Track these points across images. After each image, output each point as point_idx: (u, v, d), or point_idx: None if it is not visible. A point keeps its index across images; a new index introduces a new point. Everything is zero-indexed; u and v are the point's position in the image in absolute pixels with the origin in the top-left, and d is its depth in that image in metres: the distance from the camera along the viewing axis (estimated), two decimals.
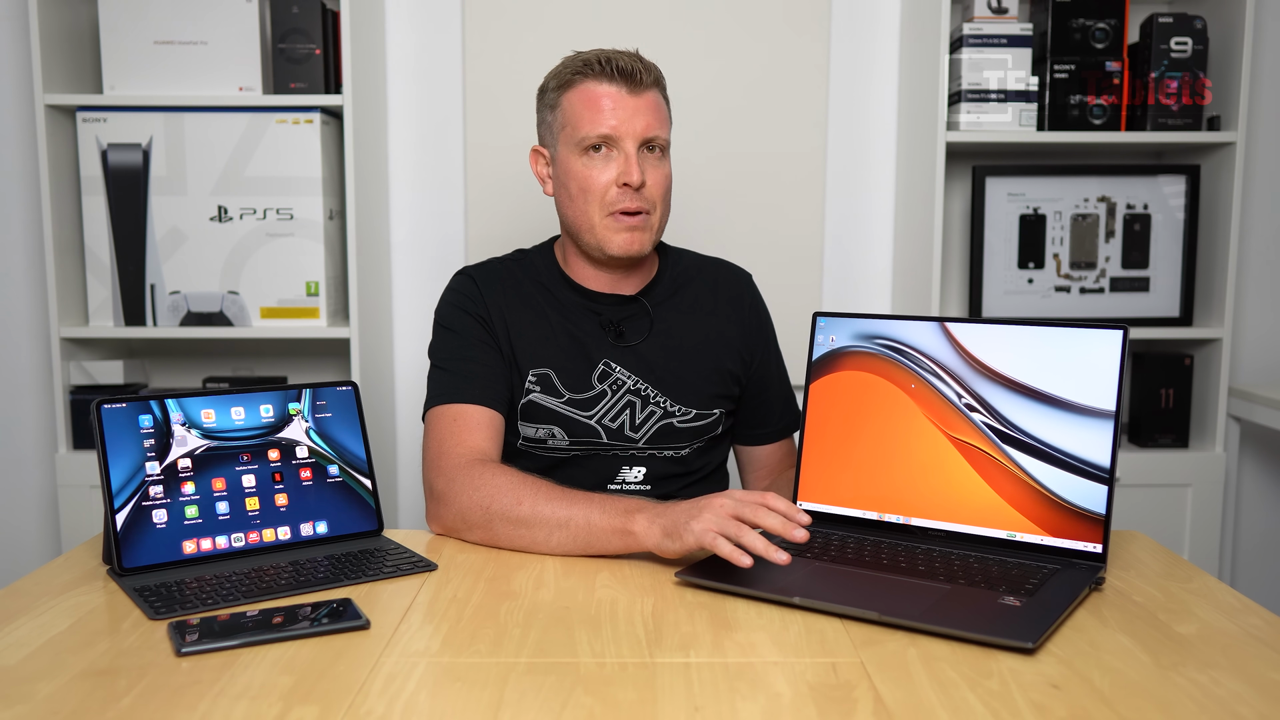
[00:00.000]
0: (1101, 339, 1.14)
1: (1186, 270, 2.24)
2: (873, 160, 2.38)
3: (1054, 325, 1.17)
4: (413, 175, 2.36)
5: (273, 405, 1.23)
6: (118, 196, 2.09)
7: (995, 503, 1.18)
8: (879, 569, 1.12)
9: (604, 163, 1.38)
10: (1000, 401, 1.19)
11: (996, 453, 1.18)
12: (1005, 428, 1.18)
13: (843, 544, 1.20)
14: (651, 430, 1.45)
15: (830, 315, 1.32)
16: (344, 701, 0.85)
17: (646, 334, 1.46)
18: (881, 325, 1.28)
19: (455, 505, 1.27)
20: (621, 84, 1.37)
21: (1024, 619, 0.98)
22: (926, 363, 1.23)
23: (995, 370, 1.19)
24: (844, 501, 1.28)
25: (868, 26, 2.34)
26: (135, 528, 1.13)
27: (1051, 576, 1.09)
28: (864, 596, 1.05)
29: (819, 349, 1.31)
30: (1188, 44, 2.13)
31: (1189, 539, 2.21)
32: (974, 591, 1.05)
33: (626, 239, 1.39)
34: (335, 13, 2.13)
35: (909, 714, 0.82)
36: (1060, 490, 1.15)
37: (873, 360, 1.27)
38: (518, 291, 1.47)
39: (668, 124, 1.43)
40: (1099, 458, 1.13)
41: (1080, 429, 1.14)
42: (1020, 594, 1.04)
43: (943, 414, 1.22)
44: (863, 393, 1.27)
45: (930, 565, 1.13)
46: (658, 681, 0.88)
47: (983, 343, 1.21)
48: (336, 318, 2.20)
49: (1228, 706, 0.84)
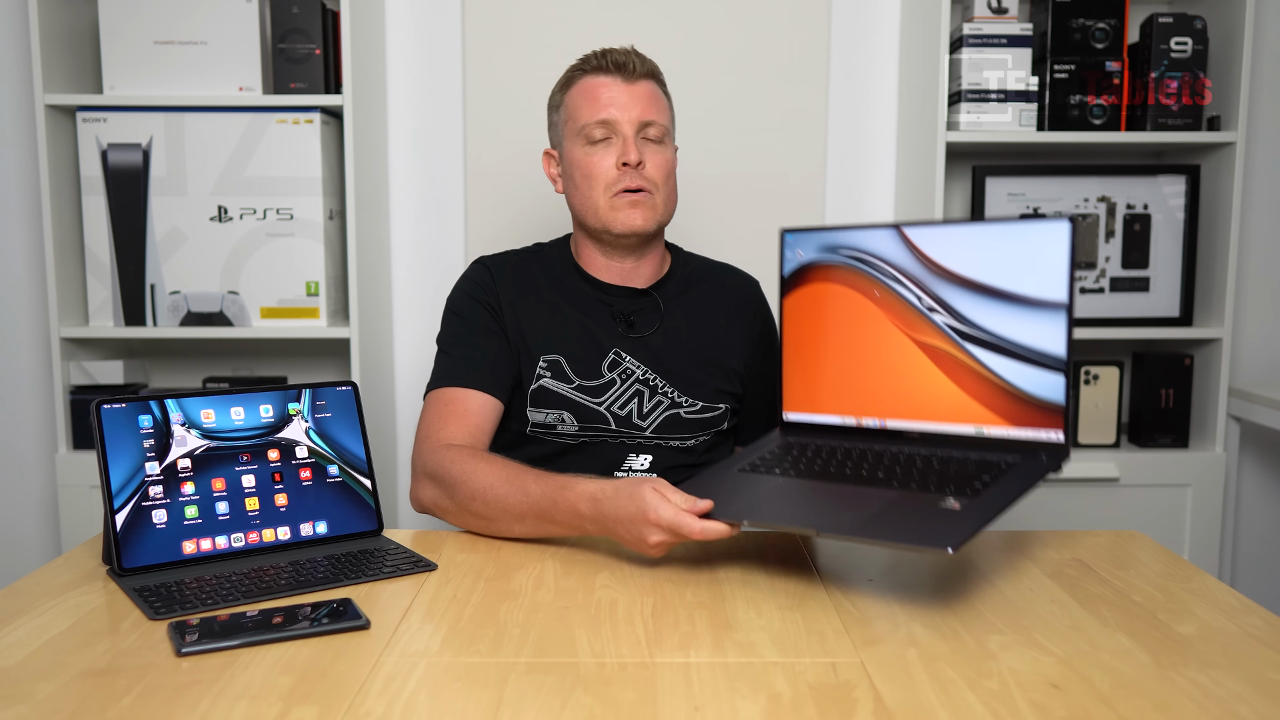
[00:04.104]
0: (1049, 230, 1.15)
1: (1186, 270, 2.24)
2: (873, 160, 2.38)
3: (1003, 221, 1.20)
4: (413, 175, 2.36)
5: (272, 405, 1.23)
6: (118, 196, 2.09)
7: (962, 400, 1.22)
8: (839, 480, 1.19)
9: (605, 149, 1.45)
10: (959, 301, 1.22)
11: (959, 351, 1.22)
12: (965, 326, 1.21)
13: (814, 455, 1.27)
14: (659, 420, 1.47)
15: (796, 230, 1.37)
16: (344, 701, 0.85)
17: (656, 326, 1.50)
18: (845, 236, 1.31)
19: (429, 488, 1.35)
20: (616, 74, 1.45)
21: (955, 523, 1.01)
22: (889, 269, 1.27)
23: (952, 271, 1.22)
24: (825, 409, 1.34)
25: (868, 26, 2.34)
26: (135, 528, 1.13)
27: (1007, 472, 1.12)
28: (809, 512, 1.13)
29: (788, 264, 1.37)
30: (1188, 44, 2.13)
31: (1189, 539, 2.21)
32: (919, 496, 1.10)
33: (629, 214, 1.44)
34: (335, 13, 2.13)
35: (909, 714, 0.82)
36: (1021, 383, 1.17)
37: (839, 271, 1.32)
38: (531, 281, 1.52)
39: (666, 113, 1.49)
40: (1055, 348, 1.15)
41: (1036, 322, 1.16)
42: (965, 495, 1.07)
43: (907, 318, 1.26)
44: (832, 304, 1.32)
45: (889, 471, 1.17)
46: (658, 681, 0.88)
47: (938, 245, 1.24)
48: (336, 318, 2.20)
49: (1228, 706, 0.84)
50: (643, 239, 1.48)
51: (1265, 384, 2.32)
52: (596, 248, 1.51)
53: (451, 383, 1.43)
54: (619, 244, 1.48)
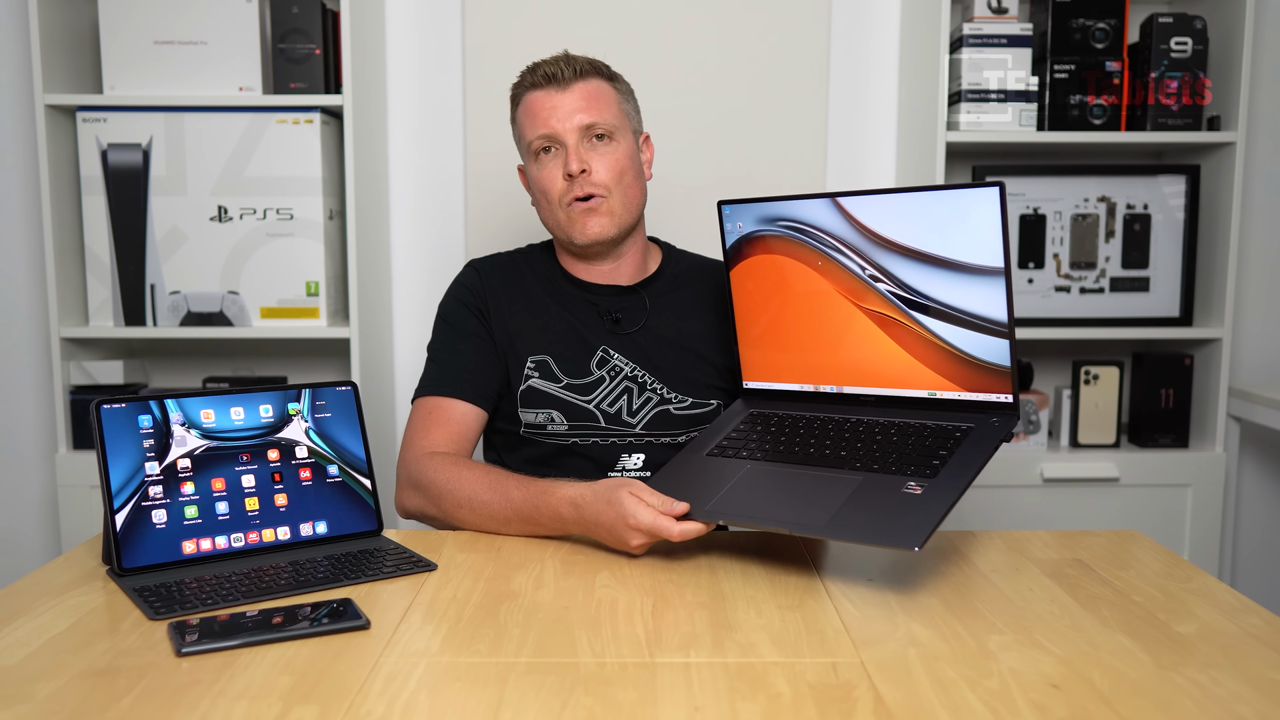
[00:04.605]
0: (980, 197, 1.17)
1: (1186, 270, 2.24)
2: (873, 160, 2.37)
3: (934, 189, 1.22)
4: (413, 175, 2.36)
5: (272, 405, 1.23)
6: (118, 196, 2.09)
7: (912, 365, 1.25)
8: (804, 463, 1.23)
9: (553, 161, 1.46)
10: (900, 270, 1.24)
11: (905, 319, 1.24)
12: (909, 294, 1.24)
13: (779, 430, 1.31)
14: (648, 416, 1.47)
15: (733, 202, 1.39)
16: (344, 701, 0.85)
17: (642, 323, 1.50)
18: (782, 207, 1.34)
19: (414, 496, 1.39)
20: (549, 86, 1.46)
21: (919, 512, 1.06)
22: (828, 240, 1.30)
23: (890, 240, 1.25)
24: (783, 377, 1.38)
25: (868, 26, 2.34)
26: (135, 528, 1.13)
27: (963, 440, 1.15)
28: (781, 508, 1.17)
29: (730, 236, 1.40)
30: (1188, 44, 2.13)
31: (1189, 539, 2.21)
32: (882, 480, 1.14)
33: (585, 224, 1.45)
34: (335, 13, 2.13)
35: (909, 714, 0.82)
36: (967, 348, 1.20)
37: (780, 242, 1.34)
38: (519, 282, 1.53)
39: (611, 108, 1.47)
40: (996, 313, 1.17)
41: (976, 288, 1.18)
42: (925, 474, 1.12)
43: (851, 287, 1.28)
44: (777, 274, 1.35)
45: (852, 448, 1.22)
46: (658, 681, 0.88)
47: (874, 214, 1.26)
48: (336, 318, 2.20)
49: (1228, 706, 0.84)
50: (610, 243, 1.49)
51: (1265, 384, 2.32)
52: (572, 255, 1.53)
53: (435, 391, 1.46)
54: (588, 252, 1.50)
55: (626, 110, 1.50)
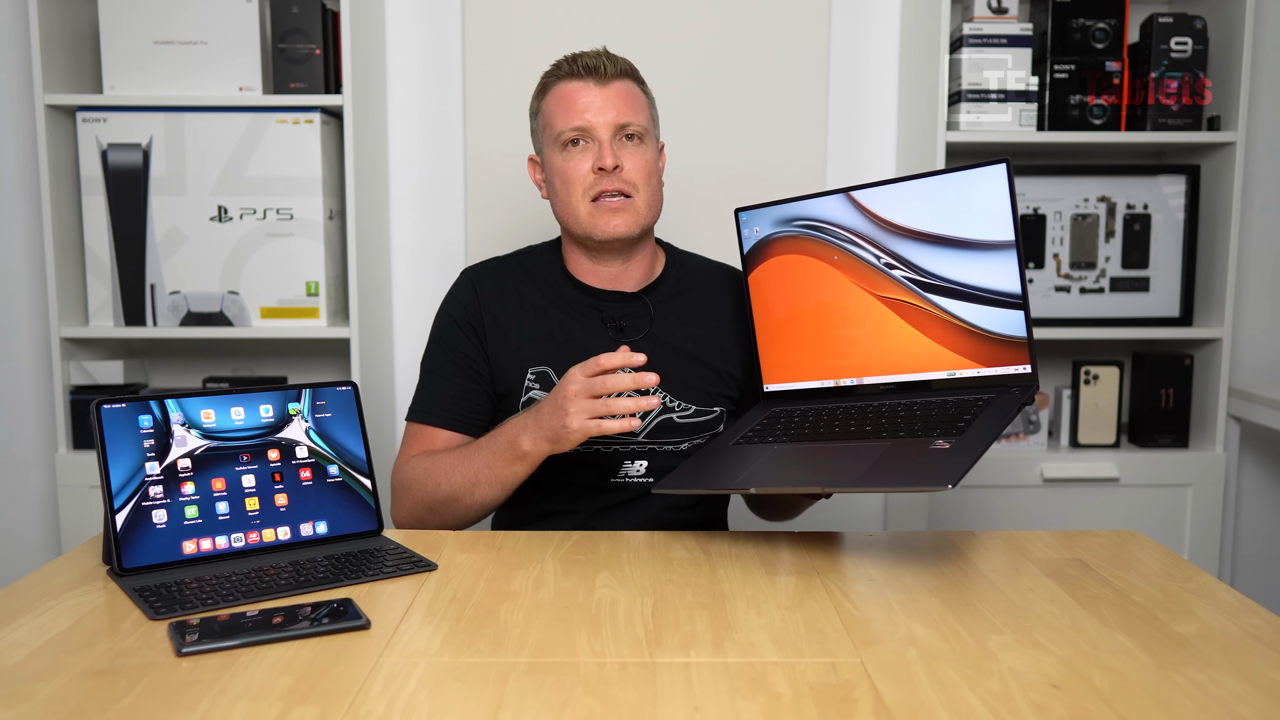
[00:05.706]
0: (988, 175, 1.22)
1: (1186, 270, 2.24)
2: (873, 160, 2.38)
3: (943, 173, 1.26)
4: (413, 175, 2.36)
5: (272, 405, 1.23)
6: (118, 196, 2.09)
7: (931, 348, 1.28)
8: (830, 439, 1.25)
9: (582, 154, 1.44)
10: (915, 254, 1.28)
11: (921, 302, 1.28)
12: (923, 277, 1.27)
13: (801, 420, 1.32)
14: (651, 424, 1.47)
15: (749, 208, 1.43)
16: (344, 701, 0.85)
17: (646, 330, 1.49)
18: (797, 207, 1.38)
19: (405, 506, 1.43)
20: (589, 78, 1.44)
21: (949, 461, 1.08)
22: (843, 233, 1.33)
23: (903, 226, 1.28)
24: (803, 376, 1.40)
25: (868, 26, 2.34)
26: (135, 528, 1.13)
27: (985, 408, 1.17)
28: (811, 471, 1.19)
29: (747, 242, 1.43)
30: (1188, 44, 2.13)
31: (1189, 539, 2.21)
32: (909, 443, 1.16)
33: (609, 219, 1.44)
34: (335, 13, 2.13)
35: (909, 714, 0.82)
36: (983, 323, 1.24)
37: (796, 241, 1.38)
38: (517, 289, 1.51)
39: (643, 111, 1.47)
40: (1010, 286, 1.21)
41: (989, 264, 1.22)
42: (951, 434, 1.14)
43: (867, 277, 1.32)
44: (795, 273, 1.38)
45: (876, 424, 1.24)
46: (658, 681, 0.88)
47: (887, 204, 1.30)
48: (336, 318, 2.20)
49: (1228, 706, 0.84)
50: (627, 243, 1.47)
51: (1265, 384, 2.32)
52: (583, 253, 1.50)
53: (422, 419, 1.48)
54: (603, 249, 1.48)
55: (653, 116, 1.51)
